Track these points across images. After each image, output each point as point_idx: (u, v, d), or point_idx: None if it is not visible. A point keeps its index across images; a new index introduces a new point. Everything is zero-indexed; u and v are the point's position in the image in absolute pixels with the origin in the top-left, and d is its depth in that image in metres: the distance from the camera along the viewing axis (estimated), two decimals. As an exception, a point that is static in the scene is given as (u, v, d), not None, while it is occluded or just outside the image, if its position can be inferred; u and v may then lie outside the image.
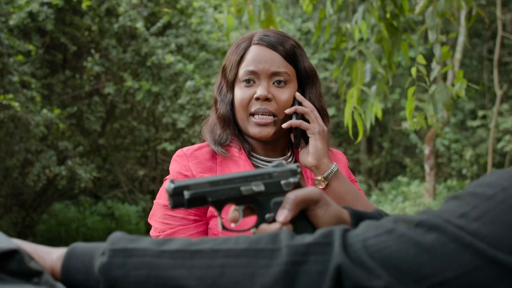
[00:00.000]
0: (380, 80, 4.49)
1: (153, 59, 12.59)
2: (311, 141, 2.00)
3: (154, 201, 2.05)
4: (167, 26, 13.71)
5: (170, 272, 0.99)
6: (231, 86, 2.10)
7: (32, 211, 12.91)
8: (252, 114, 2.02)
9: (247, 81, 2.03)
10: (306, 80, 2.10)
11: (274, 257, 0.98)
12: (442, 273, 0.89)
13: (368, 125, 4.26)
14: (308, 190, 1.27)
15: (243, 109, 2.03)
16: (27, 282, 0.94)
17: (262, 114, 2.00)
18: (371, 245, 0.96)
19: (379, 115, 4.29)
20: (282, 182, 1.30)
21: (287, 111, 2.01)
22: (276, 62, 2.02)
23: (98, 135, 13.92)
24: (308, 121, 2.03)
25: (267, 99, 2.00)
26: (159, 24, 13.20)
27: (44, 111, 10.75)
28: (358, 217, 1.34)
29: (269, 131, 2.01)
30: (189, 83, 12.60)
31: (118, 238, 1.07)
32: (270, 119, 2.00)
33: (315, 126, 2.00)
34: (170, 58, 12.51)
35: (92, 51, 12.72)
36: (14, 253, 0.93)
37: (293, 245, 0.99)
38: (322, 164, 1.97)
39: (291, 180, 1.31)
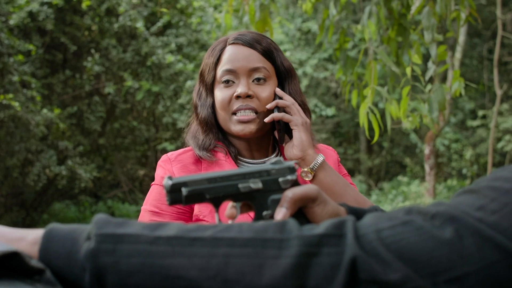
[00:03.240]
0: (390, 79, 4.48)
1: (153, 59, 12.59)
2: (294, 133, 1.97)
3: (141, 207, 2.03)
4: (167, 25, 13.72)
5: (167, 260, 0.93)
6: (210, 89, 2.08)
7: (32, 210, 12.90)
8: (234, 113, 1.99)
9: (226, 82, 2.00)
10: (285, 76, 2.08)
11: (284, 248, 0.92)
12: (461, 267, 0.86)
13: (389, 125, 4.24)
14: (306, 188, 1.26)
15: (224, 109, 2.00)
16: (27, 281, 0.92)
17: (244, 110, 1.97)
18: (386, 237, 0.91)
19: (398, 114, 4.28)
20: (280, 179, 1.29)
21: (269, 106, 1.98)
22: (254, 58, 2.00)
23: (98, 135, 13.92)
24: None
25: (248, 96, 1.98)
26: (159, 24, 13.20)
27: (44, 110, 10.75)
28: (355, 214, 1.32)
29: (252, 128, 1.98)
30: (189, 83, 12.61)
31: (104, 221, 0.99)
32: (252, 115, 1.97)
33: (297, 118, 1.96)
34: (170, 58, 12.52)
35: (92, 50, 12.72)
36: (14, 255, 0.92)
37: (304, 235, 0.93)
38: (307, 155, 1.94)
39: (289, 177, 1.30)
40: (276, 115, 1.98)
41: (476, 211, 0.92)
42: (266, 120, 1.98)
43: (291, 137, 2.02)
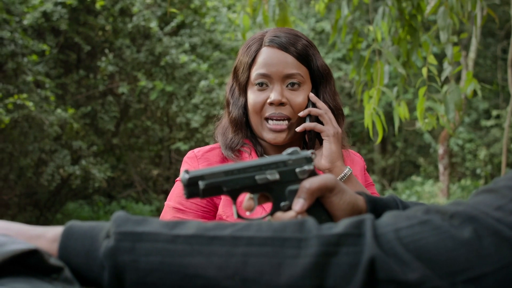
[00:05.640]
0: (400, 80, 4.46)
1: (167, 58, 12.62)
2: (325, 144, 1.94)
3: (165, 203, 2.03)
4: (181, 25, 13.75)
5: (186, 259, 0.93)
6: (243, 89, 2.06)
7: (46, 210, 12.95)
8: (266, 119, 1.98)
9: (260, 84, 1.98)
10: (319, 79, 2.05)
11: (303, 247, 0.92)
12: (479, 267, 0.86)
13: (396, 126, 4.21)
14: (323, 178, 1.26)
15: (257, 113, 1.99)
16: (45, 279, 0.91)
17: (276, 120, 1.96)
18: (405, 236, 0.91)
19: (407, 115, 4.25)
20: (297, 170, 1.29)
21: (301, 114, 1.97)
22: (288, 64, 1.97)
23: (112, 135, 13.95)
24: (322, 123, 1.98)
25: (281, 104, 1.96)
26: (173, 24, 13.23)
27: (58, 110, 10.79)
28: (373, 203, 1.33)
29: (283, 136, 1.97)
30: (203, 83, 12.63)
31: (123, 219, 0.99)
32: (285, 124, 1.96)
33: (329, 129, 1.95)
34: (184, 58, 12.54)
35: (106, 50, 12.76)
36: (33, 252, 0.92)
37: (323, 235, 0.93)
38: (335, 167, 1.92)
39: (306, 168, 1.29)
40: (308, 125, 1.96)
41: (495, 211, 0.91)
42: (298, 129, 1.97)
43: (321, 143, 2.00)
